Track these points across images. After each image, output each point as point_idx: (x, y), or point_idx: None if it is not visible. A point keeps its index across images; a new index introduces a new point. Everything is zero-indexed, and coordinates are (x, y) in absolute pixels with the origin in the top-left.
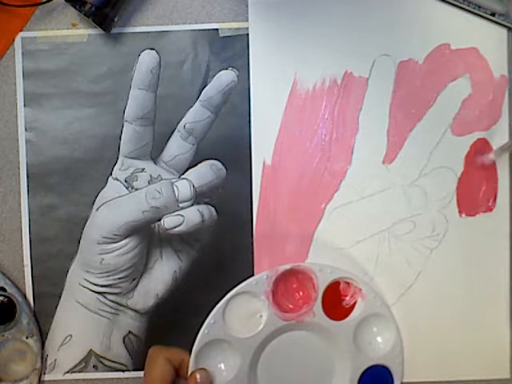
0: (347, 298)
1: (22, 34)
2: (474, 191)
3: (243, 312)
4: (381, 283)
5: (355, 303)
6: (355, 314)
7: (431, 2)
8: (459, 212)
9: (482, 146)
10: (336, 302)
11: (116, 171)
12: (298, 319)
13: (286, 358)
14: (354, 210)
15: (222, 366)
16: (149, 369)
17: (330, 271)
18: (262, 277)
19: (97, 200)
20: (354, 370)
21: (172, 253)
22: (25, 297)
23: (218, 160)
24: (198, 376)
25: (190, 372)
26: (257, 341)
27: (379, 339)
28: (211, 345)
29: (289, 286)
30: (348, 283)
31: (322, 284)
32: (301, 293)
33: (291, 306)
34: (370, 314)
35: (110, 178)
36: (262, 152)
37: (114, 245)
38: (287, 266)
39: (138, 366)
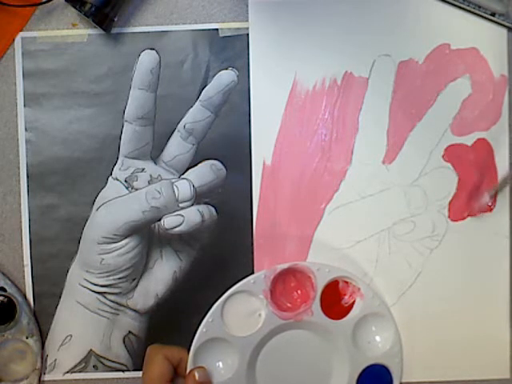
0: (346, 297)
1: (22, 33)
2: (474, 191)
3: (242, 311)
4: (381, 283)
5: (354, 302)
6: (354, 313)
7: (431, 2)
8: (459, 212)
9: (481, 146)
10: (334, 301)
11: (116, 171)
12: (297, 318)
13: (285, 357)
14: (354, 210)
15: (221, 364)
16: (147, 367)
17: (329, 270)
18: (260, 276)
19: (97, 200)
20: (353, 369)
21: (172, 253)
22: (25, 297)
23: (218, 160)
24: (196, 374)
25: (188, 370)
26: (255, 339)
27: (378, 338)
28: (210, 343)
29: (287, 285)
30: (346, 282)
31: (320, 283)
32: (299, 292)
33: (289, 305)
34: (368, 313)
35: (110, 178)
36: (261, 152)
37: (114, 245)
38: (285, 265)
39: (138, 365)
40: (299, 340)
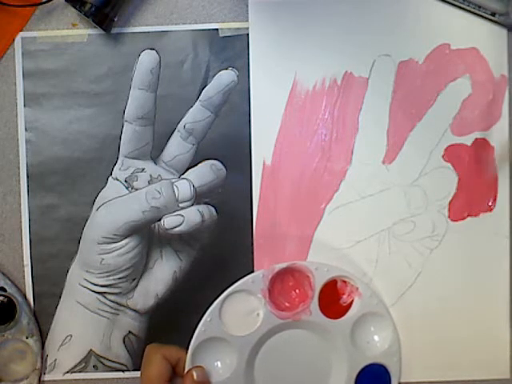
0: (344, 297)
1: (22, 33)
2: (474, 191)
3: (240, 310)
4: (381, 283)
5: (352, 301)
6: (352, 312)
7: (431, 2)
8: (459, 212)
9: (481, 146)
10: (333, 301)
11: (116, 171)
12: (295, 318)
13: (283, 357)
14: (354, 209)
15: (219, 364)
16: (146, 367)
17: (327, 270)
18: (259, 275)
19: (97, 200)
20: (352, 369)
21: (172, 253)
22: (25, 297)
23: (218, 160)
24: (194, 374)
25: (186, 370)
26: (254, 339)
27: (376, 338)
28: (208, 343)
29: (285, 285)
30: (345, 282)
31: (318, 282)
32: (297, 291)
33: (288, 305)
34: (367, 313)
35: (110, 178)
36: (261, 152)
37: (114, 245)
38: (283, 265)
39: (138, 365)
40: (297, 339)
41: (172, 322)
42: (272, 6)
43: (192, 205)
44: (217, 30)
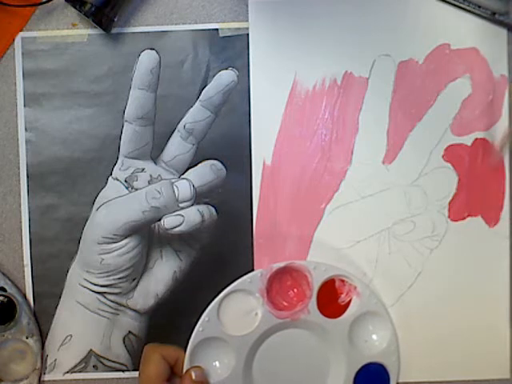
0: (342, 296)
1: (22, 33)
2: (474, 191)
3: (238, 310)
4: (381, 283)
5: (350, 301)
6: (350, 311)
7: (431, 2)
8: (459, 212)
9: (481, 146)
10: (331, 300)
11: (116, 171)
12: (293, 317)
13: (282, 356)
14: (354, 210)
15: (217, 363)
16: (144, 366)
17: (325, 269)
18: (257, 275)
19: (97, 200)
20: (350, 368)
21: (172, 253)
22: (25, 297)
23: (218, 160)
24: (193, 374)
25: (185, 370)
26: (252, 339)
27: (375, 337)
28: (206, 343)
29: (283, 284)
30: (343, 281)
31: (316, 282)
32: (295, 290)
33: (286, 304)
34: (365, 312)
35: (110, 178)
36: (261, 152)
37: (114, 245)
38: (281, 264)
39: (138, 365)
40: (296, 339)
41: (172, 322)
42: (272, 5)
43: (192, 205)
44: (217, 29)
